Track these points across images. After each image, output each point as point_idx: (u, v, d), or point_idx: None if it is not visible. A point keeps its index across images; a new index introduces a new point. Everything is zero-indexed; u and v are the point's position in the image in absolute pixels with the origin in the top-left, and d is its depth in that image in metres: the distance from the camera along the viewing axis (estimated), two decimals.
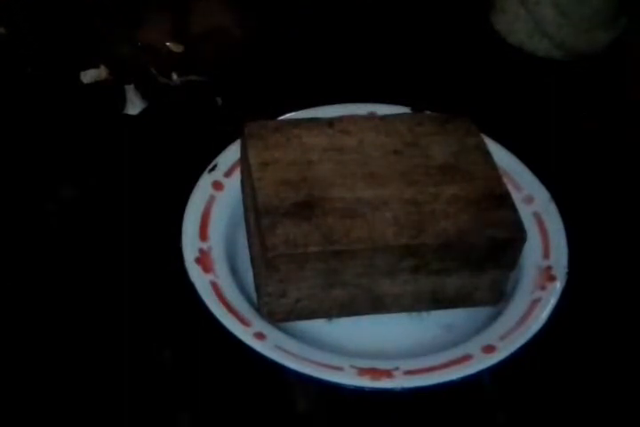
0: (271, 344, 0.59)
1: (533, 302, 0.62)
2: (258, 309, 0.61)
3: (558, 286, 0.63)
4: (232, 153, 0.68)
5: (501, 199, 0.61)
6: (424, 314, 0.64)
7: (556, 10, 0.84)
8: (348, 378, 0.58)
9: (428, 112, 0.69)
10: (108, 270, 0.65)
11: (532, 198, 0.68)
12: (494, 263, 0.61)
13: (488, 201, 0.61)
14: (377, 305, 0.62)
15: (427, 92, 0.64)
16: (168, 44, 0.79)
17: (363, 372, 0.58)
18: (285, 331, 0.61)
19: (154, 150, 0.75)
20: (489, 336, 0.60)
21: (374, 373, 0.58)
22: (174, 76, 0.80)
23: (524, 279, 0.64)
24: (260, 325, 0.60)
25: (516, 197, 0.65)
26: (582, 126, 0.82)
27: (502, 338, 0.60)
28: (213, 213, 0.66)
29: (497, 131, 0.70)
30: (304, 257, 0.58)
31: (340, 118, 0.65)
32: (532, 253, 0.64)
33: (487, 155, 0.64)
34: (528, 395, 0.62)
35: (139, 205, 0.70)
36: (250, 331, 0.59)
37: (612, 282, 0.68)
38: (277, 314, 0.61)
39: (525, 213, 0.65)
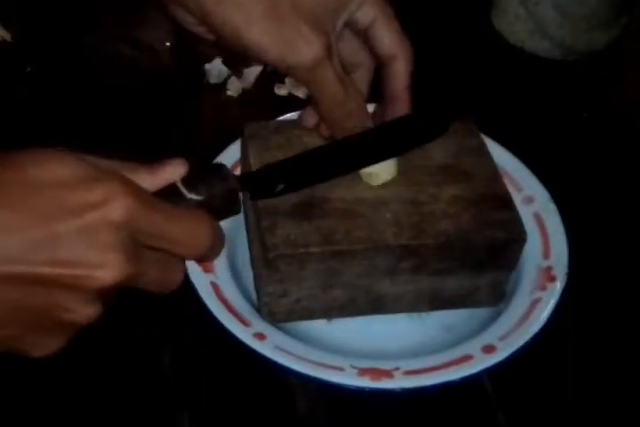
0: (271, 344, 0.58)
1: (533, 303, 0.62)
2: (258, 309, 0.61)
3: (558, 286, 0.63)
4: (232, 153, 0.68)
5: (501, 200, 0.61)
6: (424, 314, 0.64)
7: (556, 10, 0.84)
8: (349, 378, 0.57)
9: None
10: None
11: (532, 198, 0.68)
12: (494, 264, 0.61)
13: (488, 201, 0.61)
14: (377, 305, 0.62)
15: (427, 93, 0.64)
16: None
17: (363, 372, 0.58)
18: (285, 331, 0.61)
19: (153, 150, 0.75)
20: (489, 336, 0.60)
21: (374, 373, 0.58)
22: None
23: (524, 279, 0.64)
24: (260, 325, 0.60)
25: (516, 197, 0.65)
26: (582, 126, 0.82)
27: (502, 338, 0.60)
28: None
29: (497, 131, 0.70)
30: (304, 257, 0.58)
31: None
32: (532, 254, 0.64)
33: (487, 155, 0.64)
34: (528, 395, 0.62)
35: None
36: (250, 331, 0.59)
37: (612, 282, 0.68)
38: (277, 314, 0.61)
39: (525, 213, 0.65)
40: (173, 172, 0.47)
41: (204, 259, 0.47)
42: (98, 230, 0.40)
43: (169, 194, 0.47)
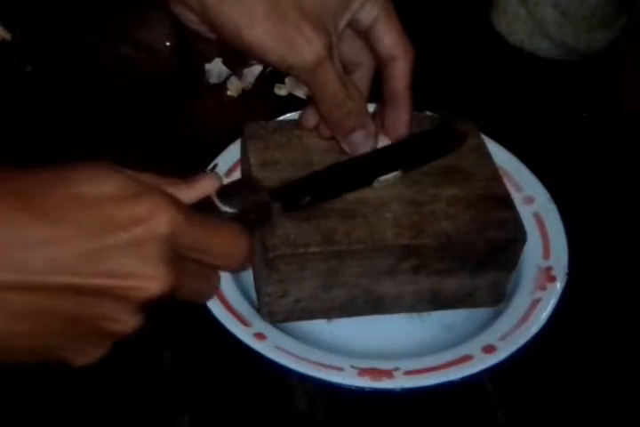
0: (271, 344, 0.59)
1: (533, 303, 0.62)
2: (258, 309, 0.62)
3: (558, 286, 0.63)
4: (232, 153, 0.68)
5: (501, 200, 0.61)
6: (424, 314, 0.64)
7: (556, 10, 0.84)
8: (349, 378, 0.58)
9: (429, 113, 0.69)
10: None
11: (532, 199, 0.68)
12: (494, 264, 0.61)
13: (488, 202, 0.61)
14: (377, 306, 0.62)
15: (427, 93, 0.64)
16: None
17: (363, 372, 0.58)
18: (285, 331, 0.61)
19: (153, 150, 0.75)
20: (489, 336, 0.60)
21: (374, 373, 0.58)
22: None
23: (524, 280, 0.64)
24: (260, 325, 0.60)
25: (516, 197, 0.65)
26: (582, 126, 0.82)
27: (502, 338, 0.60)
28: None
29: (497, 131, 0.70)
30: (304, 257, 0.58)
31: None
32: (532, 254, 0.64)
33: (487, 156, 0.64)
34: (528, 395, 0.62)
35: None
36: (250, 331, 0.59)
37: (612, 282, 0.68)
38: (277, 314, 0.61)
39: (525, 213, 0.65)
40: (209, 185, 0.49)
41: (236, 270, 0.49)
42: (145, 244, 0.42)
43: (202, 207, 0.49)
